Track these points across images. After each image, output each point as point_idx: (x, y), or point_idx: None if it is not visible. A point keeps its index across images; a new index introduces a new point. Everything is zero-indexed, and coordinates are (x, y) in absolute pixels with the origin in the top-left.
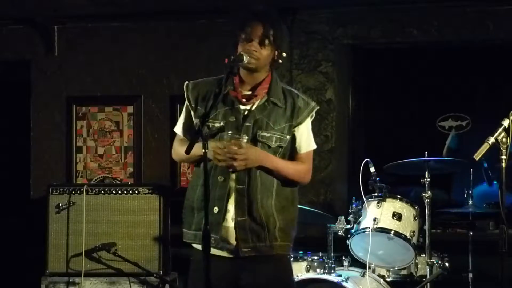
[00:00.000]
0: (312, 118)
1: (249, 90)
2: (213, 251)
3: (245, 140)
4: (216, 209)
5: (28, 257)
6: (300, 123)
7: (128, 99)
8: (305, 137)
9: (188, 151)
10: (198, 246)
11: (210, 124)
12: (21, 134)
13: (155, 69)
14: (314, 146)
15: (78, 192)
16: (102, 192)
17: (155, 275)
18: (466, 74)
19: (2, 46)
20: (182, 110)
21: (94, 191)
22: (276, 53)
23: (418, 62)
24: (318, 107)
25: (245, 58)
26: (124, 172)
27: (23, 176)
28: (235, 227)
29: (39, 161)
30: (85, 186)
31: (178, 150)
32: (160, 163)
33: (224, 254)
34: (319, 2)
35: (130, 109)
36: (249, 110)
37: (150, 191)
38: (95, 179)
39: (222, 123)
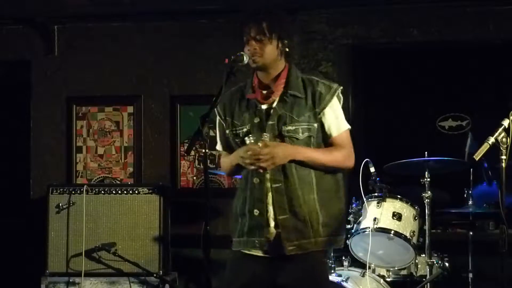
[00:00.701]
0: (341, 99)
1: (266, 88)
2: (256, 252)
3: (267, 139)
4: (256, 212)
5: (28, 257)
6: (324, 108)
7: (128, 99)
8: (333, 120)
9: (188, 151)
10: (245, 250)
11: (239, 131)
12: (21, 134)
13: (155, 69)
14: (347, 126)
15: (78, 192)
16: (102, 192)
17: (155, 275)
18: (466, 74)
19: (2, 46)
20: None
21: (94, 191)
22: (280, 44)
23: (418, 62)
24: (341, 88)
25: (245, 58)
26: (124, 172)
27: (23, 176)
28: (278, 226)
29: (39, 161)
30: (85, 186)
31: (222, 164)
32: (160, 163)
33: (265, 254)
34: (319, 2)
35: (130, 109)
36: (270, 108)
37: (150, 191)
38: (95, 179)
39: (248, 127)
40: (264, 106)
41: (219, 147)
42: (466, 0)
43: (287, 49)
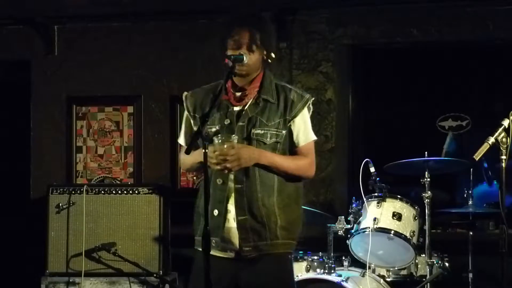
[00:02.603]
0: (310, 110)
1: (240, 91)
2: (214, 252)
3: (235, 140)
4: (216, 212)
5: (28, 257)
6: (295, 116)
7: (128, 99)
8: (302, 130)
9: (188, 151)
10: (200, 248)
11: (208, 130)
12: (21, 134)
13: (155, 69)
14: (314, 138)
15: (78, 192)
16: (102, 192)
17: (155, 275)
18: (466, 74)
19: (2, 46)
20: (183, 109)
21: (94, 191)
22: (266, 54)
23: (418, 62)
24: (313, 98)
25: (245, 58)
26: (124, 172)
27: (23, 176)
28: (237, 227)
29: (39, 161)
30: (85, 186)
31: (184, 159)
32: (160, 163)
33: (225, 255)
34: (319, 2)
35: (130, 109)
36: (242, 110)
37: (150, 191)
38: (95, 179)
39: (217, 127)
40: (236, 108)
41: (182, 141)
42: (466, 0)
43: (269, 60)
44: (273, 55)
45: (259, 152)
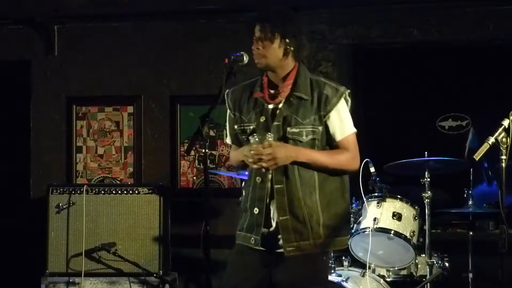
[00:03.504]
0: (348, 102)
1: (273, 88)
2: (255, 247)
3: (270, 139)
4: (256, 210)
5: (28, 257)
6: (330, 111)
7: (128, 99)
8: (338, 123)
9: (188, 151)
10: (243, 243)
11: (246, 128)
12: (21, 134)
13: (155, 69)
14: (352, 130)
15: (78, 192)
16: (102, 192)
17: (155, 275)
18: (466, 74)
19: (2, 46)
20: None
21: (94, 191)
22: (283, 44)
23: (418, 62)
24: (349, 91)
25: (245, 58)
26: (124, 172)
27: (23, 176)
28: (279, 227)
29: (39, 161)
30: (85, 186)
31: (231, 158)
32: (160, 163)
33: (265, 251)
34: (319, 2)
35: (130, 109)
36: (276, 109)
37: (150, 191)
38: (95, 179)
39: (254, 125)
40: (270, 106)
41: (228, 140)
42: (466, 0)
43: (292, 49)
44: (292, 40)
45: (296, 150)
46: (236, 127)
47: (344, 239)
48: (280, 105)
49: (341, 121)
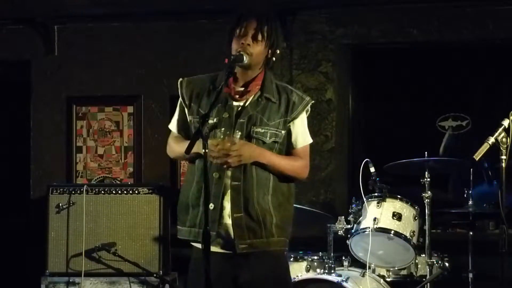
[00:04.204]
0: (308, 112)
1: (242, 87)
2: (214, 248)
3: (238, 137)
4: (211, 206)
5: (28, 257)
6: (295, 118)
7: (128, 99)
8: (301, 132)
9: (188, 151)
10: (196, 244)
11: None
12: (21, 134)
13: (155, 69)
14: (310, 141)
15: (78, 192)
16: (102, 192)
17: (155, 275)
18: (466, 74)
19: (2, 46)
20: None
21: (94, 191)
22: (270, 51)
23: (418, 62)
24: (313, 101)
25: (245, 58)
26: (124, 172)
27: (23, 176)
28: (232, 224)
29: (39, 161)
30: (85, 186)
31: (173, 147)
32: (160, 163)
33: (221, 250)
34: (319, 2)
35: (130, 109)
36: (243, 106)
37: (150, 191)
38: (95, 179)
39: (215, 120)
40: (235, 103)
41: (173, 127)
42: (466, 0)
43: (273, 58)
44: (277, 51)
45: (259, 151)
46: (190, 118)
47: (288, 242)
48: (247, 104)
49: (304, 129)
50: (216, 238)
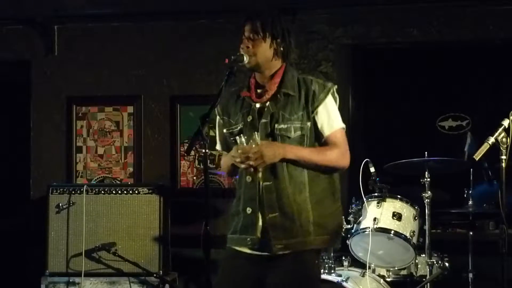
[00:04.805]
0: (337, 99)
1: (260, 87)
2: (247, 250)
3: (257, 138)
4: (249, 210)
5: (28, 257)
6: (317, 107)
7: (128, 99)
8: (326, 118)
9: (188, 151)
10: (236, 247)
11: (233, 129)
12: (21, 134)
13: (155, 69)
14: (341, 125)
15: (78, 192)
16: (102, 192)
17: (155, 275)
18: (466, 74)
19: (2, 46)
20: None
21: (94, 191)
22: (275, 43)
23: (418, 62)
24: (336, 86)
25: (245, 58)
26: (124, 172)
27: (23, 176)
28: (267, 224)
29: (39, 161)
30: (85, 186)
31: (223, 165)
32: (160, 163)
33: (256, 252)
34: (319, 2)
35: (130, 109)
36: (263, 107)
37: (150, 191)
38: (95, 179)
39: (241, 126)
40: (257, 105)
41: (218, 147)
42: (466, 0)
43: (281, 49)
44: (290, 41)
45: (283, 147)
46: (225, 130)
47: (338, 239)
48: (267, 103)
49: (329, 116)
50: (256, 242)
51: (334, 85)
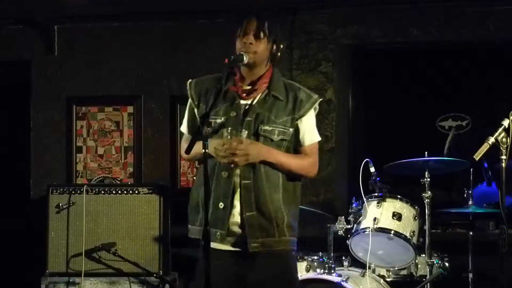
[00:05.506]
0: (316, 110)
1: (249, 85)
2: (219, 246)
3: (244, 135)
4: (221, 205)
5: (28, 257)
6: (302, 116)
7: (128, 99)
8: (309, 130)
9: (188, 151)
10: (213, 245)
11: (212, 120)
12: (21, 135)
13: (155, 69)
14: (318, 138)
15: (78, 192)
16: (102, 192)
17: (155, 275)
18: (466, 74)
19: (2, 46)
20: (184, 109)
21: (94, 191)
22: (274, 47)
23: (418, 62)
24: (321, 99)
25: (245, 58)
26: (124, 172)
27: (23, 176)
28: (244, 223)
29: (39, 161)
30: (85, 186)
31: (185, 147)
32: (160, 163)
33: (231, 248)
34: (319, 2)
35: (130, 109)
36: (250, 105)
37: (150, 191)
38: (95, 179)
39: (223, 119)
40: (243, 102)
41: (184, 129)
42: (466, 0)
43: (278, 54)
44: (282, 46)
45: (267, 149)
46: (199, 118)
47: (296, 241)
48: (255, 102)
49: (311, 127)
50: (226, 237)
51: (320, 97)
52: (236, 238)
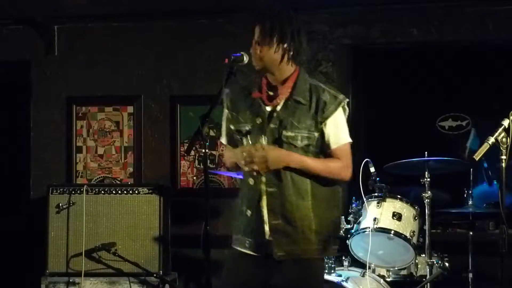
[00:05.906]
0: (346, 111)
1: (272, 90)
2: (247, 251)
3: (264, 142)
4: (248, 212)
5: (28, 257)
6: (326, 118)
7: (128, 99)
8: (334, 132)
9: (188, 151)
10: (238, 248)
11: (241, 128)
12: (21, 134)
13: (155, 69)
14: (348, 140)
15: (78, 192)
16: (102, 192)
17: (155, 275)
18: (466, 74)
19: (2, 46)
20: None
21: (94, 191)
22: (285, 46)
23: (418, 62)
24: (347, 100)
25: (245, 58)
26: (124, 172)
27: (23, 176)
28: (270, 231)
29: (39, 161)
30: (85, 186)
31: (226, 158)
32: (160, 163)
33: (256, 254)
34: (319, 2)
35: (130, 109)
36: (273, 111)
37: (150, 191)
38: (95, 179)
39: (249, 127)
40: (268, 108)
41: (223, 140)
42: (466, 0)
43: (291, 53)
44: (302, 44)
45: (288, 155)
46: (232, 127)
47: (335, 248)
48: (278, 108)
49: (337, 129)
50: (254, 244)
51: (346, 98)
52: (263, 246)
